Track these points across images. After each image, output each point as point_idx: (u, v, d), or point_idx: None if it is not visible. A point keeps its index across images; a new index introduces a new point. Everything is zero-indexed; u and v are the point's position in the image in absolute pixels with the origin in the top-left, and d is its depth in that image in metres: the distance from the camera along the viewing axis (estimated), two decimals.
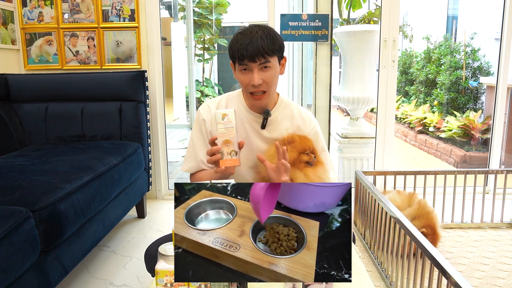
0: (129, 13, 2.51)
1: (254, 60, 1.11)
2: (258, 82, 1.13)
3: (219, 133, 1.05)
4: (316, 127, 1.30)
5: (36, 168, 1.63)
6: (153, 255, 1.15)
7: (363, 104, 3.01)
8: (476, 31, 5.48)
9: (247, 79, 1.15)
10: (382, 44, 2.58)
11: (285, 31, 2.56)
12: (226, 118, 1.05)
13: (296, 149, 1.17)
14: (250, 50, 1.10)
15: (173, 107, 6.71)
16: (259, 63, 1.12)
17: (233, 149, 1.05)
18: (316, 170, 1.19)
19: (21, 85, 2.34)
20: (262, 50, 1.10)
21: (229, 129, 1.05)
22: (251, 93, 1.18)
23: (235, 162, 1.05)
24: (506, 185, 2.29)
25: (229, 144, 1.05)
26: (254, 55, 1.10)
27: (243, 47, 1.11)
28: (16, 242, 1.15)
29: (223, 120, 1.05)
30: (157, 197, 2.78)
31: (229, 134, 1.05)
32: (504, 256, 1.90)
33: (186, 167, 1.31)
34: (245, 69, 1.15)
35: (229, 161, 1.05)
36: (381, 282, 1.70)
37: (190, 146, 1.31)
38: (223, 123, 1.05)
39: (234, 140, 1.05)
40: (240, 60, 1.13)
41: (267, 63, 1.13)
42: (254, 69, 1.13)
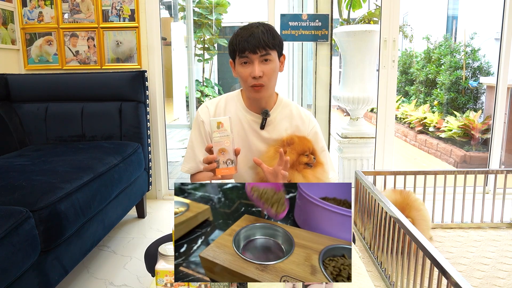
0: (129, 13, 2.51)
1: (255, 51, 1.12)
2: (258, 73, 1.13)
3: (214, 141, 1.04)
4: (316, 127, 1.30)
5: (36, 168, 1.63)
6: (153, 255, 1.15)
7: (363, 104, 3.01)
8: (476, 31, 5.48)
9: (248, 72, 1.16)
10: (382, 44, 2.58)
11: (285, 31, 2.56)
12: (221, 126, 1.04)
13: (296, 150, 1.17)
14: (251, 42, 1.12)
15: (173, 107, 6.71)
16: (260, 55, 1.13)
17: (228, 158, 1.05)
18: (315, 171, 1.18)
19: (21, 85, 2.34)
20: (263, 42, 1.12)
21: (224, 137, 1.04)
22: (251, 86, 1.18)
23: (231, 170, 1.05)
24: (506, 185, 2.28)
25: (224, 153, 1.04)
26: (255, 47, 1.12)
27: (244, 39, 1.13)
28: (16, 242, 1.15)
29: (218, 129, 1.04)
30: (157, 197, 2.78)
31: (224, 143, 1.04)
32: (504, 256, 1.90)
33: (185, 168, 1.31)
34: (246, 62, 1.16)
35: (225, 170, 1.05)
36: (381, 282, 1.70)
37: (189, 147, 1.31)
38: (218, 131, 1.04)
39: (229, 149, 1.04)
40: (241, 53, 1.14)
41: (267, 56, 1.14)
42: (255, 60, 1.14)
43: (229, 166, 1.05)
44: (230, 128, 1.04)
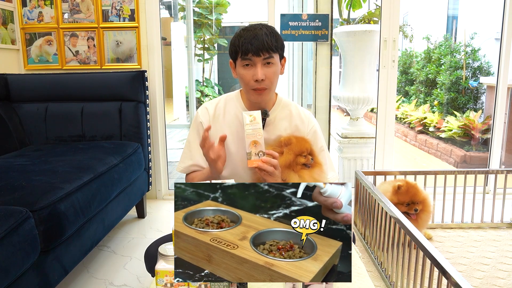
0: (129, 13, 2.51)
1: (259, 54, 1.11)
2: (261, 77, 1.13)
3: (246, 134, 1.07)
4: (315, 126, 1.30)
5: (36, 168, 1.63)
6: (153, 255, 1.15)
7: (363, 104, 3.01)
8: (476, 31, 5.48)
9: (250, 75, 1.15)
10: (382, 44, 2.58)
11: (285, 31, 2.56)
12: (254, 119, 1.07)
13: (293, 151, 1.16)
14: (255, 44, 1.11)
15: (173, 107, 6.70)
16: (263, 58, 1.12)
17: (260, 150, 1.08)
18: (312, 172, 1.18)
19: (21, 85, 2.34)
20: (266, 45, 1.11)
21: (256, 130, 1.07)
22: (253, 90, 1.17)
23: (261, 162, 1.08)
24: (506, 185, 2.29)
25: (257, 145, 1.07)
26: (259, 49, 1.11)
27: (247, 41, 1.11)
28: (16, 242, 1.15)
29: (250, 122, 1.07)
30: (157, 197, 2.78)
31: (256, 135, 1.07)
32: (504, 256, 1.90)
33: (181, 168, 1.31)
34: (248, 64, 1.15)
35: (257, 161, 1.08)
36: (381, 282, 1.70)
37: (186, 147, 1.31)
38: (250, 124, 1.07)
39: (261, 141, 1.07)
40: (243, 55, 1.13)
41: (270, 59, 1.13)
42: (258, 63, 1.13)
43: (261, 157, 1.08)
44: (261, 122, 1.08)
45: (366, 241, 2.01)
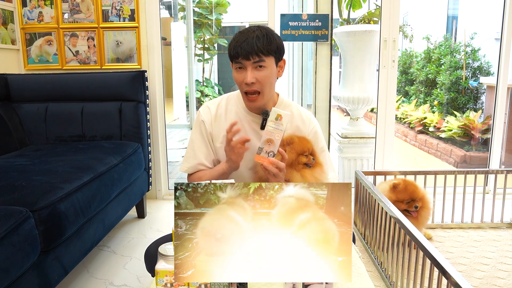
0: (129, 13, 2.51)
1: (248, 58, 1.12)
2: (250, 80, 1.13)
3: (266, 130, 1.07)
4: (316, 127, 1.30)
5: (36, 168, 1.63)
6: (153, 255, 1.15)
7: (363, 104, 3.01)
8: (476, 31, 5.48)
9: (241, 78, 1.16)
10: (382, 44, 2.58)
11: (285, 31, 2.56)
12: (280, 119, 1.07)
13: (295, 150, 1.17)
14: (244, 48, 1.11)
15: (173, 107, 6.70)
16: (253, 62, 1.12)
17: (272, 150, 1.08)
18: (314, 171, 1.18)
19: (21, 85, 2.34)
20: (256, 49, 1.11)
21: (277, 131, 1.07)
22: (246, 93, 1.18)
23: (268, 161, 1.08)
24: (506, 185, 2.28)
25: (271, 144, 1.07)
26: (248, 53, 1.11)
27: (238, 45, 1.12)
28: (16, 242, 1.15)
29: (276, 120, 1.07)
30: (157, 197, 2.78)
31: (275, 135, 1.07)
32: (504, 256, 1.90)
33: (185, 168, 1.31)
34: (240, 67, 1.15)
35: (264, 159, 1.08)
36: (381, 282, 1.70)
37: (190, 147, 1.31)
38: (274, 122, 1.07)
39: (277, 143, 1.07)
40: (235, 58, 1.14)
41: (261, 62, 1.13)
42: (248, 67, 1.13)
43: (269, 157, 1.08)
44: (286, 125, 1.07)
45: (366, 241, 2.01)
